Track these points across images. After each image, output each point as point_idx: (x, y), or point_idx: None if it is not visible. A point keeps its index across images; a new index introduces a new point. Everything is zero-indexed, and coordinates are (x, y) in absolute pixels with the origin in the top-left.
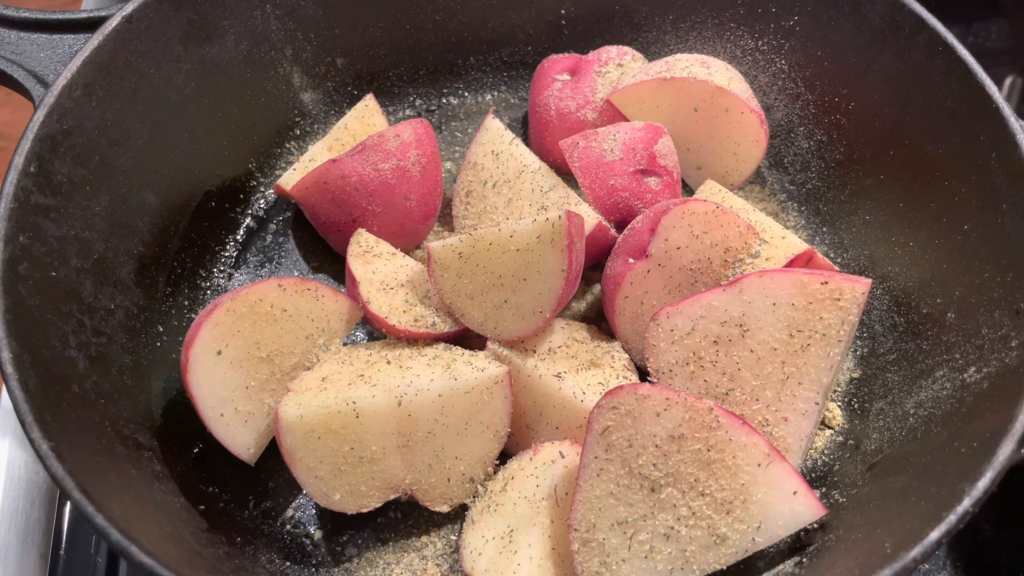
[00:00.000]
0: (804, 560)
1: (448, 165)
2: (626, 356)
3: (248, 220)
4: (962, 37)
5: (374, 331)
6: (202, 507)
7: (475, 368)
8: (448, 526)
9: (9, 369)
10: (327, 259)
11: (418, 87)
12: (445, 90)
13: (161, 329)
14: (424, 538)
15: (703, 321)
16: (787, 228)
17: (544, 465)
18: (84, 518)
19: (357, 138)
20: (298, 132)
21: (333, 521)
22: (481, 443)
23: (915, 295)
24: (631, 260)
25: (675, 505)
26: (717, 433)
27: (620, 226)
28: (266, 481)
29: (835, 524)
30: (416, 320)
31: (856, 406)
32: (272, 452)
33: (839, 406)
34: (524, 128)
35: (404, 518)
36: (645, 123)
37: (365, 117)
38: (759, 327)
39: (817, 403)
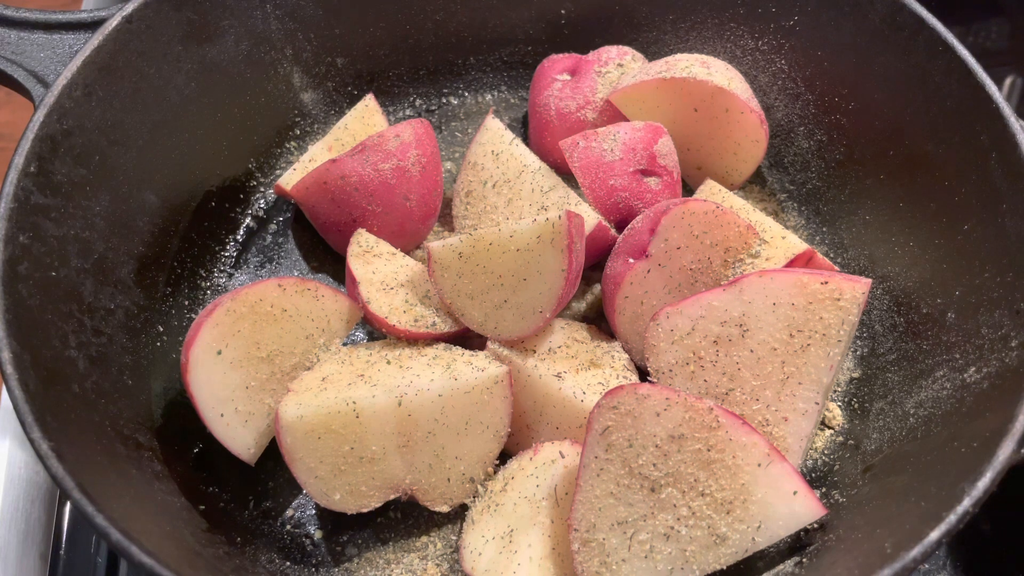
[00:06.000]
0: (804, 560)
1: (448, 165)
2: (626, 356)
3: (248, 220)
4: (962, 37)
5: (374, 331)
6: (202, 507)
7: (475, 368)
8: (448, 526)
9: (9, 369)
10: (327, 259)
11: (418, 87)
12: (445, 90)
13: (161, 329)
14: (424, 538)
15: (703, 321)
16: (787, 228)
17: (544, 465)
18: (84, 518)
19: (357, 138)
20: (298, 132)
21: (333, 521)
22: (481, 443)
23: (915, 295)
24: (631, 260)
25: (675, 505)
26: (717, 433)
27: (620, 226)
28: (266, 481)
29: (835, 524)
30: (416, 320)
31: (856, 406)
32: (272, 452)
33: (839, 406)
34: (524, 128)
35: (404, 518)
36: (645, 123)
37: (365, 117)
38: (759, 327)
39: (817, 403)
